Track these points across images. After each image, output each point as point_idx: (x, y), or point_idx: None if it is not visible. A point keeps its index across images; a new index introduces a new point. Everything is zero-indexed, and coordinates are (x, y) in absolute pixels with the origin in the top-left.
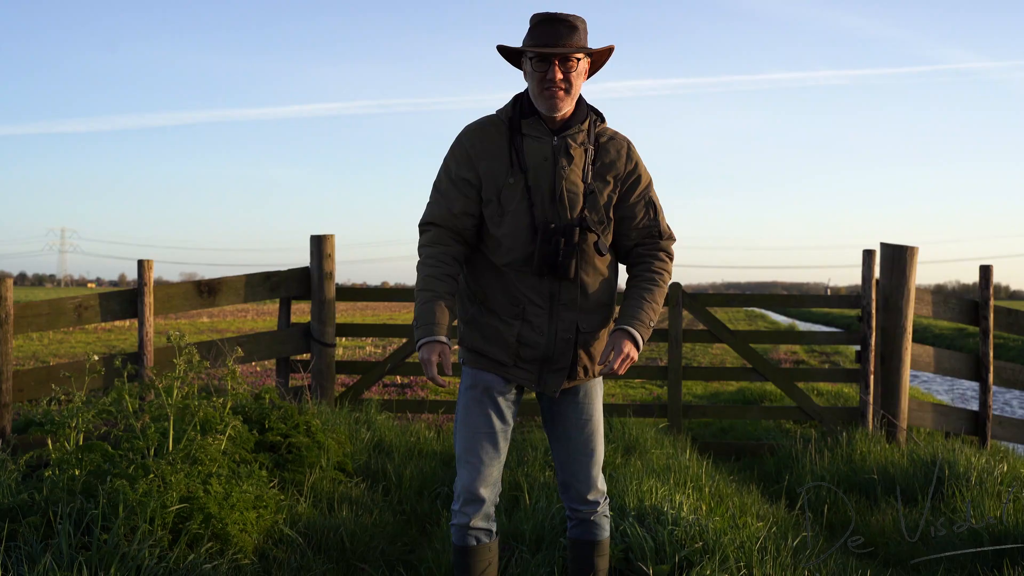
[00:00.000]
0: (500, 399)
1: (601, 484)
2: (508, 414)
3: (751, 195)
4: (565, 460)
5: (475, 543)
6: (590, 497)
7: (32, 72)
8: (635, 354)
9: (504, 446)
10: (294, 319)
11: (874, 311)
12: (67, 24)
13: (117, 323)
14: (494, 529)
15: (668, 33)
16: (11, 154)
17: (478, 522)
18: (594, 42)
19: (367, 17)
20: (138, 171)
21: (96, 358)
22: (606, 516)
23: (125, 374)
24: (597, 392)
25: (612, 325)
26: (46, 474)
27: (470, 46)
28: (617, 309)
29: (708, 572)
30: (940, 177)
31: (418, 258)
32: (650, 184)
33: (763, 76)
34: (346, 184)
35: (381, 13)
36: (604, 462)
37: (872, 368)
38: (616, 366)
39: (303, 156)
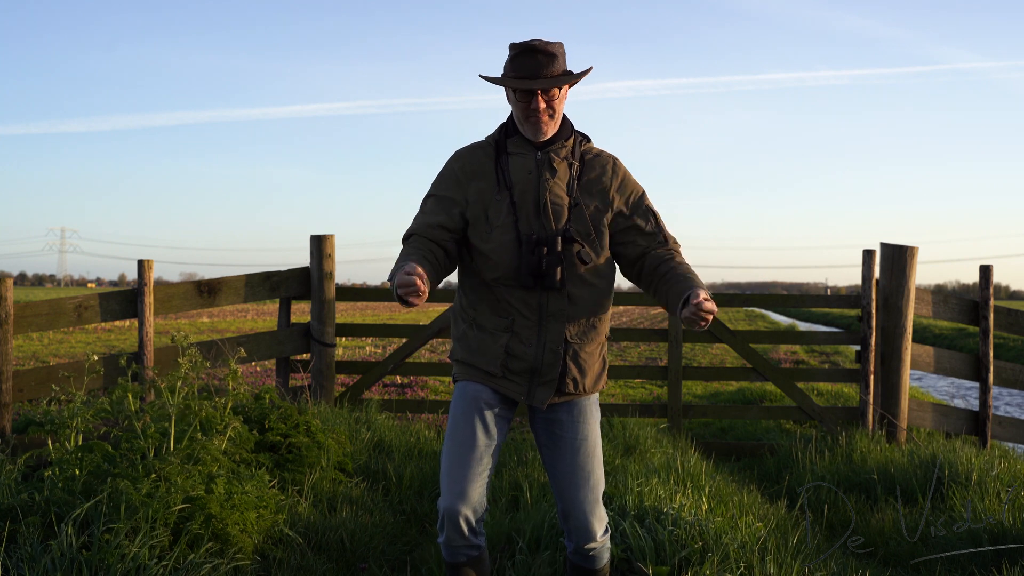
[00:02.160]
0: (488, 412)
1: (602, 513)
2: (495, 428)
3: (751, 195)
4: (563, 486)
5: (464, 559)
6: (591, 528)
7: (32, 72)
8: (711, 303)
9: (488, 462)
10: (294, 319)
11: (874, 311)
12: (67, 24)
13: (117, 323)
14: (482, 543)
15: (668, 33)
16: (11, 154)
17: (463, 539)
18: (591, 41)
19: (367, 17)
20: (138, 171)
21: (96, 358)
22: (607, 548)
23: (130, 373)
24: (592, 412)
25: (603, 341)
26: (46, 474)
27: (471, 46)
28: (608, 326)
29: (708, 572)
30: (940, 177)
31: None
32: (644, 194)
33: (763, 76)
34: (346, 184)
35: (381, 13)
36: (604, 462)
37: (872, 368)
38: (703, 307)
39: (303, 156)
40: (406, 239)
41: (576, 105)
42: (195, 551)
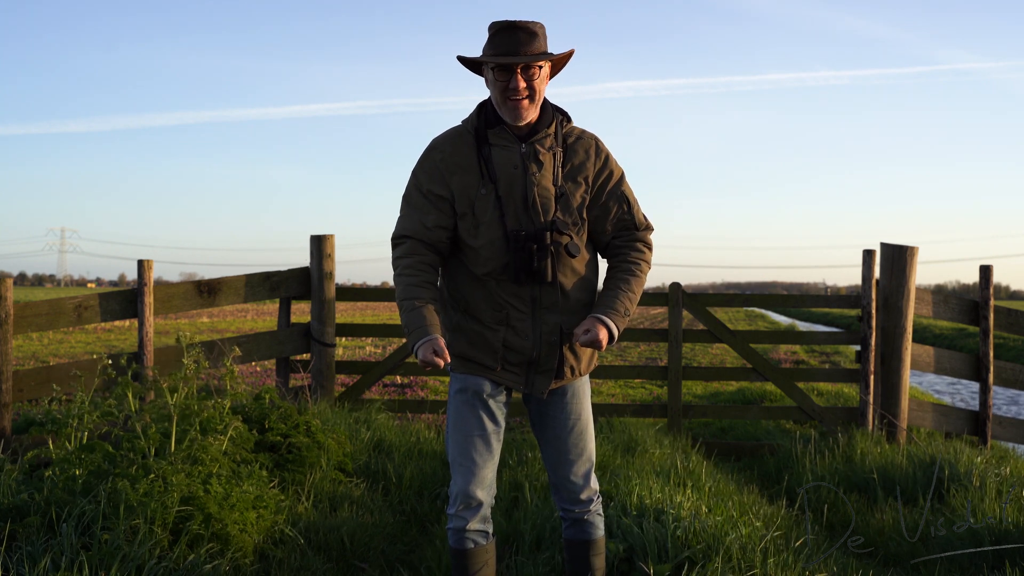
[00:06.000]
0: (490, 401)
1: (593, 483)
2: (499, 416)
3: (751, 195)
4: (556, 462)
5: (472, 546)
6: (583, 497)
7: (32, 72)
8: (604, 343)
9: (497, 447)
10: (294, 319)
11: (874, 311)
12: (67, 24)
13: (117, 323)
14: (490, 531)
15: (668, 33)
16: (11, 154)
17: (475, 525)
18: (592, 41)
19: (367, 17)
20: (138, 171)
21: (108, 361)
22: (599, 515)
23: (130, 373)
24: (584, 391)
25: None
26: (47, 474)
27: (471, 46)
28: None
29: (709, 572)
30: (940, 177)
31: (394, 271)
32: (622, 177)
33: (763, 76)
34: (346, 184)
35: (381, 13)
36: (604, 462)
37: (872, 368)
38: (579, 343)
39: (303, 156)
40: (400, 241)
41: (576, 105)
42: (195, 551)
